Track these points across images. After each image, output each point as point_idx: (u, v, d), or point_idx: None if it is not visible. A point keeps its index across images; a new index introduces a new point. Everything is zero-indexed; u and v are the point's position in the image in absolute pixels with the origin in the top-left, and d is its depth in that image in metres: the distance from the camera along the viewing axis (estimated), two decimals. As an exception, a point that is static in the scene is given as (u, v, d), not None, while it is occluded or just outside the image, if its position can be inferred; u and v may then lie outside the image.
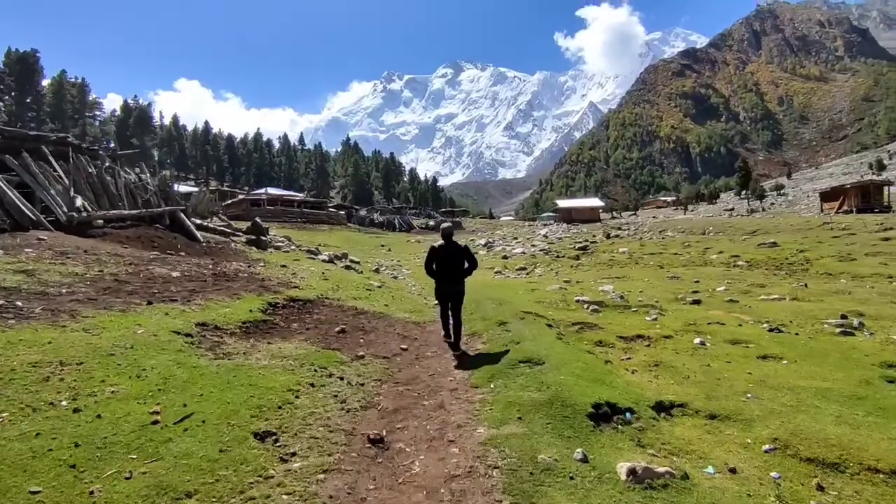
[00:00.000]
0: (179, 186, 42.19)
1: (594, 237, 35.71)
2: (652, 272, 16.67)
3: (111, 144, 68.05)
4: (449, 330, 6.85)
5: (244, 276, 10.10)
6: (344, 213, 54.33)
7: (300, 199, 53.34)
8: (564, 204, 76.73)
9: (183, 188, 44.35)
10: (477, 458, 3.44)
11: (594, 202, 77.50)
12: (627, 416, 4.12)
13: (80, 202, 12.06)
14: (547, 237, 39.05)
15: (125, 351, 4.49)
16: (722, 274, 14.94)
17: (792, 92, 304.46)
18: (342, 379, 5.01)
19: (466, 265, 6.70)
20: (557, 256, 25.89)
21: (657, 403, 4.48)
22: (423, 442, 3.80)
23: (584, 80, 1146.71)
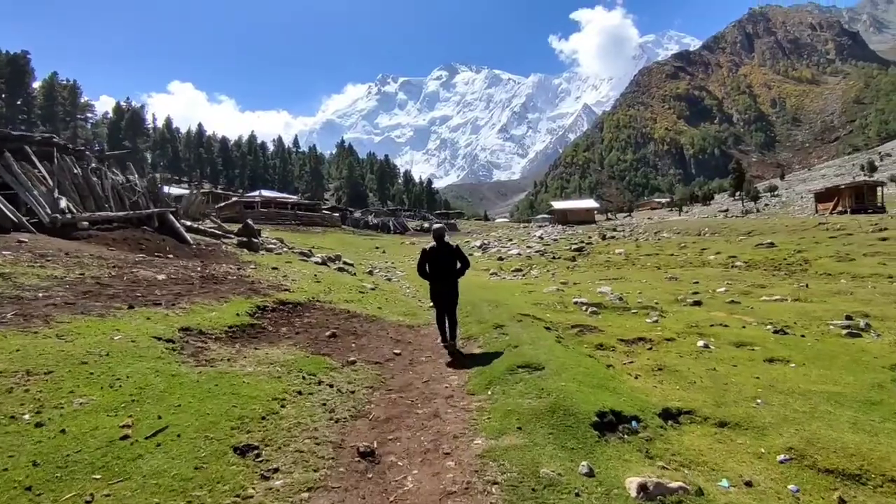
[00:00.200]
0: (171, 189, 41.75)
1: (590, 238, 35.55)
2: (650, 273, 16.50)
3: (103, 147, 67.35)
4: (446, 334, 6.70)
5: (233, 278, 9.82)
6: (338, 215, 53.89)
7: (294, 201, 52.97)
8: (559, 205, 76.47)
9: (176, 191, 43.90)
10: (474, 472, 3.19)
11: (589, 204, 77.22)
12: (633, 424, 3.89)
13: (64, 203, 11.74)
14: (542, 239, 38.85)
15: (99, 358, 4.22)
16: (720, 275, 14.78)
17: (784, 94, 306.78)
18: (332, 386, 4.75)
19: (458, 265, 6.70)
20: (553, 258, 25.70)
21: (664, 410, 4.25)
22: (416, 455, 3.55)
23: (578, 82, 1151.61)
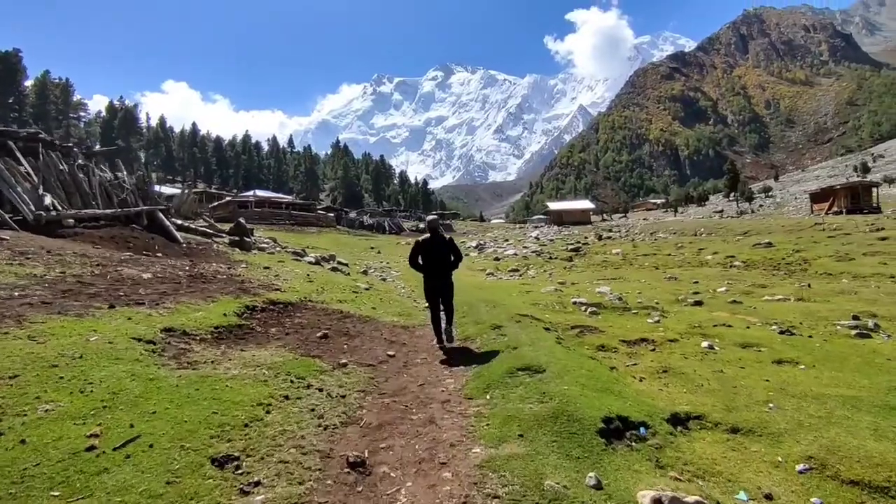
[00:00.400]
0: (162, 188, 41.23)
1: (586, 239, 35.42)
2: (648, 273, 16.31)
3: (96, 145, 66.67)
4: (441, 336, 6.51)
5: (223, 277, 9.54)
6: (333, 215, 53.50)
7: (288, 201, 52.55)
8: (555, 206, 76.32)
9: (170, 190, 43.41)
10: (473, 484, 2.94)
11: (585, 204, 77.10)
12: (641, 431, 3.65)
13: (49, 200, 11.42)
14: (538, 239, 38.68)
15: (72, 361, 3.95)
16: (720, 274, 14.60)
17: (778, 95, 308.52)
18: (321, 390, 4.49)
19: (452, 258, 6.53)
20: (550, 258, 25.51)
21: (672, 416, 4.01)
22: (410, 465, 3.30)
23: (573, 83, 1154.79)
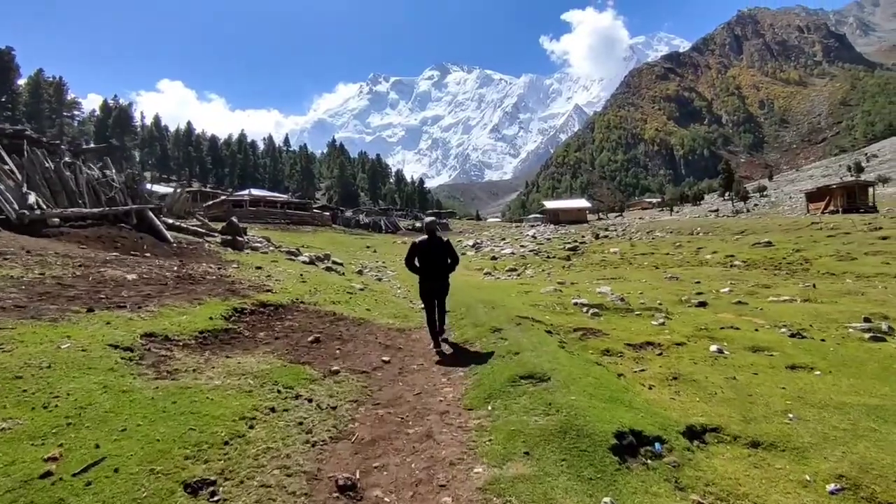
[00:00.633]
0: (156, 187, 40.70)
1: (583, 238, 35.23)
2: (648, 273, 16.07)
3: (90, 144, 65.88)
4: (437, 339, 6.25)
5: (212, 278, 9.21)
6: (329, 214, 53.07)
7: (284, 200, 52.04)
8: (551, 205, 76.18)
9: (164, 189, 42.87)
10: (476, 511, 2.66)
11: (581, 203, 76.97)
12: (657, 447, 3.37)
13: (33, 199, 11.04)
14: (535, 238, 38.44)
15: (38, 371, 3.64)
16: (721, 274, 14.38)
17: (773, 95, 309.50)
18: (310, 401, 4.19)
19: (449, 261, 6.38)
20: (548, 257, 25.26)
21: (688, 428, 3.74)
22: (406, 488, 3.00)
23: (569, 82, 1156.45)
